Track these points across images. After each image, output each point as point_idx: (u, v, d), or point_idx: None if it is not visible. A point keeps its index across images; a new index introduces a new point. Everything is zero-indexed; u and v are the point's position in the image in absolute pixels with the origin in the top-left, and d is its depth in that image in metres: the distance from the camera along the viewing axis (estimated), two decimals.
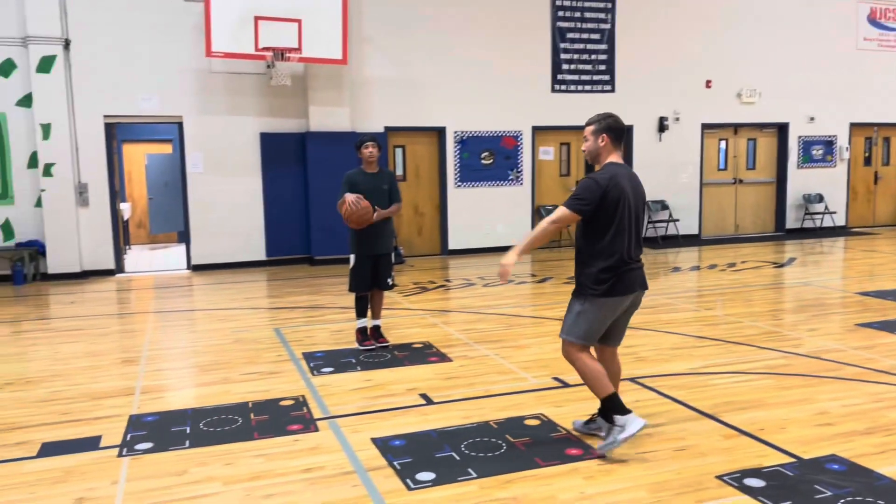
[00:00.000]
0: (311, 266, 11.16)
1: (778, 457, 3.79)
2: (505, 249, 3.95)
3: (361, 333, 6.12)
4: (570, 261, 11.40)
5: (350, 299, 8.27)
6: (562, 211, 3.75)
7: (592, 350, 4.01)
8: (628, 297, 3.84)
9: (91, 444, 4.14)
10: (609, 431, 3.79)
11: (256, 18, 9.69)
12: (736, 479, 3.52)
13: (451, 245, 12.17)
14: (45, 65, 9.79)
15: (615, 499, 3.36)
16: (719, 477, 3.54)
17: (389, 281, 6.08)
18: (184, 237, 12.46)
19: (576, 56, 12.53)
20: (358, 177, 5.89)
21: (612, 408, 3.80)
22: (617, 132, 3.85)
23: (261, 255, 11.12)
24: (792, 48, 13.84)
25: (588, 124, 3.91)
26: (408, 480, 3.58)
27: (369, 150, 5.84)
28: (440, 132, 12.02)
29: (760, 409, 4.49)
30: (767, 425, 4.21)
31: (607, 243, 3.73)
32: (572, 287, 3.96)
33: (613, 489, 3.45)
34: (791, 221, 14.46)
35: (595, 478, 3.58)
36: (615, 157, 3.85)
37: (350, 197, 5.64)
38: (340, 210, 5.70)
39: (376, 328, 6.20)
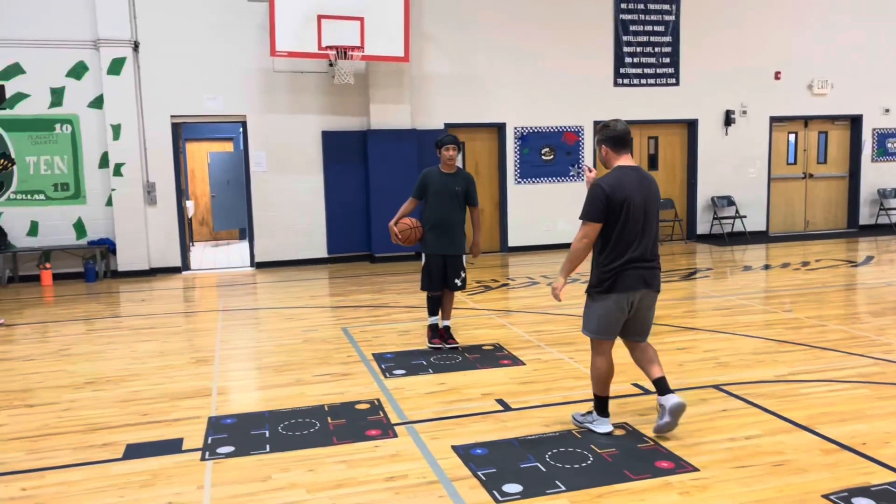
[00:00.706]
0: (371, 263, 11.17)
1: (885, 474, 3.57)
2: (566, 247, 4.19)
3: (432, 331, 6.13)
4: None
5: (414, 299, 8.26)
6: (583, 227, 3.99)
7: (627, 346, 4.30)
8: (630, 294, 4.00)
9: (174, 446, 4.17)
10: (588, 415, 4.27)
11: (319, 17, 9.71)
12: (843, 499, 3.32)
13: (511, 242, 12.04)
14: (116, 67, 10.00)
15: None
16: (826, 496, 3.35)
17: (457, 282, 5.99)
18: (245, 234, 12.62)
19: (639, 49, 12.24)
20: (433, 176, 5.90)
21: (598, 405, 4.21)
22: (615, 140, 4.05)
23: (322, 252, 11.18)
24: (866, 37, 13.26)
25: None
26: (495, 492, 3.49)
27: (450, 153, 5.82)
28: (500, 128, 11.89)
29: (860, 420, 4.26)
30: (870, 439, 3.98)
31: (611, 244, 3.96)
32: None
33: None
34: (864, 218, 13.89)
35: (691, 494, 3.42)
36: (622, 161, 4.06)
37: (396, 230, 5.87)
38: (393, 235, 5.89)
39: (446, 329, 6.13)
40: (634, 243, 3.95)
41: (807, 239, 12.94)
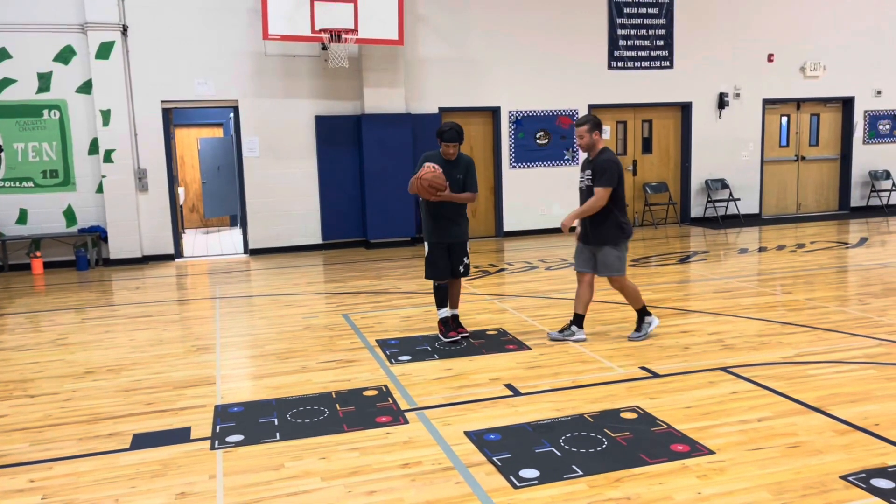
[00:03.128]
0: (366, 249, 11.09)
1: None
2: (561, 231, 5.60)
3: (444, 325, 5.87)
4: (631, 243, 10.99)
5: (414, 285, 8.21)
6: (605, 191, 5.32)
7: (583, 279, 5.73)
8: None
9: (182, 435, 4.11)
10: (566, 330, 5.77)
11: (312, 0, 9.55)
12: (862, 480, 3.32)
13: (507, 227, 12.00)
14: (104, 51, 9.81)
15: (736, 500, 3.19)
16: (844, 477, 3.35)
17: (461, 269, 5.85)
18: (237, 221, 12.49)
19: (633, 31, 12.17)
20: (434, 161, 5.70)
21: (641, 313, 5.73)
22: (601, 127, 5.50)
23: (317, 238, 11.09)
24: (858, 19, 13.26)
25: (580, 125, 5.41)
26: (512, 478, 3.46)
27: (450, 150, 5.61)
28: (495, 112, 11.81)
29: (869, 401, 4.27)
30: (882, 420, 3.99)
31: (620, 202, 5.42)
32: (640, 269, 6.53)
33: (732, 489, 3.28)
34: (856, 199, 13.96)
35: (709, 477, 3.41)
36: (605, 143, 5.63)
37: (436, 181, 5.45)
38: (414, 185, 5.48)
39: (454, 317, 6.00)
40: (624, 201, 5.52)
41: (799, 221, 12.99)
